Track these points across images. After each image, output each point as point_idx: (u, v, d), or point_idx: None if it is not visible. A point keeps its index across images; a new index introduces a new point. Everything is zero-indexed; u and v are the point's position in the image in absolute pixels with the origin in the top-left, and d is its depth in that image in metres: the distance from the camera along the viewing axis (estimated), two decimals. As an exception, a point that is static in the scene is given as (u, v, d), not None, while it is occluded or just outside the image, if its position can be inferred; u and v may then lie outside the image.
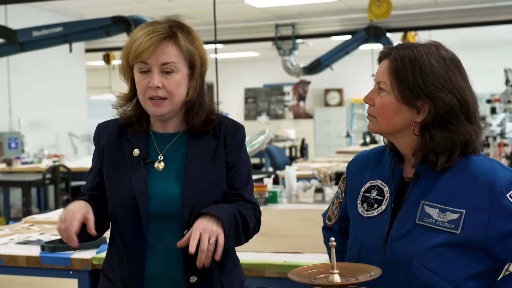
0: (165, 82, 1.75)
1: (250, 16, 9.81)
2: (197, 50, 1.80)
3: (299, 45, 10.51)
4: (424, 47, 1.58)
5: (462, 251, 1.51)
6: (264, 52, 13.40)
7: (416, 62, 1.55)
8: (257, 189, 3.76)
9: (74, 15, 9.15)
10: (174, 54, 1.75)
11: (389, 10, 8.24)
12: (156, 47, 1.73)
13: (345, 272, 1.32)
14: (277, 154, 8.08)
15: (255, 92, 15.41)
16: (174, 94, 1.76)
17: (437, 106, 1.53)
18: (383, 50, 1.63)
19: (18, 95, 8.29)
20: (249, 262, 2.39)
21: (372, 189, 1.67)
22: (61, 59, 8.30)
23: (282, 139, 11.96)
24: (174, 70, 1.75)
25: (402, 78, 1.55)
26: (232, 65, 15.64)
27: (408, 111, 1.57)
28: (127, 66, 1.80)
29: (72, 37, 6.49)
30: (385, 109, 1.59)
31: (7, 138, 8.04)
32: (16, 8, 8.02)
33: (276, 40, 9.90)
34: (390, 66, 1.58)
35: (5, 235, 3.00)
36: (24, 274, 2.67)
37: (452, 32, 11.41)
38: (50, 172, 6.90)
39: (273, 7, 9.19)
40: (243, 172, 1.86)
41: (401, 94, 1.56)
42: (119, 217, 1.80)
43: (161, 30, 1.75)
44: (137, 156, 1.81)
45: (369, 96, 1.63)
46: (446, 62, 1.56)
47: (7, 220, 7.08)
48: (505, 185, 1.50)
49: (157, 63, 1.74)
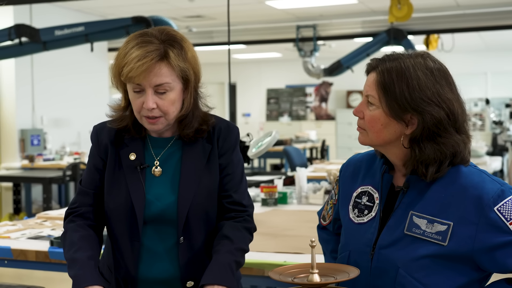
0: (159, 102, 1.75)
1: (271, 17, 9.84)
2: (190, 65, 1.78)
3: (321, 46, 10.52)
4: (411, 58, 1.58)
5: (449, 263, 1.52)
6: (286, 53, 13.42)
7: (403, 76, 1.54)
8: (267, 190, 3.80)
9: (98, 15, 9.27)
10: (167, 74, 1.74)
11: (410, 12, 8.21)
12: (149, 71, 1.72)
13: (325, 272, 1.36)
14: (295, 155, 8.11)
15: (278, 93, 15.43)
16: (169, 112, 1.77)
17: (425, 119, 1.53)
18: (370, 62, 1.63)
19: (41, 93, 8.43)
20: (249, 261, 2.42)
21: (363, 195, 1.68)
22: (84, 57, 8.42)
23: (302, 140, 11.96)
24: (168, 89, 1.75)
25: (390, 92, 1.55)
26: (254, 65, 15.68)
27: (397, 125, 1.57)
28: (119, 80, 1.79)
29: (93, 36, 6.58)
30: (374, 122, 1.59)
31: (30, 135, 8.18)
32: (40, 8, 8.16)
33: (297, 42, 9.92)
34: (377, 79, 1.58)
35: (17, 230, 3.08)
36: (33, 268, 2.75)
37: (476, 35, 11.32)
38: (70, 169, 7.00)
39: (294, 9, 9.22)
40: (235, 174, 1.88)
41: (389, 108, 1.56)
42: (116, 221, 1.83)
43: (153, 53, 1.72)
44: (134, 160, 1.83)
45: (358, 109, 1.63)
46: (433, 74, 1.56)
47: (28, 216, 7.20)
48: (493, 198, 1.50)
49: (151, 85, 1.74)
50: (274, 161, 12.87)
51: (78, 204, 1.88)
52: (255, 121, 15.67)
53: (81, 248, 1.78)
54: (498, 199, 1.50)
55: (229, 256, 1.77)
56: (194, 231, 1.81)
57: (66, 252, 1.81)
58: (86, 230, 1.84)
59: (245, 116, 16.04)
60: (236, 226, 1.84)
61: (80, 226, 1.84)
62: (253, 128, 14.78)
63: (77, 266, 1.74)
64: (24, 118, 8.26)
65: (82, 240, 1.80)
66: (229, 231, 1.82)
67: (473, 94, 13.54)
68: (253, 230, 1.91)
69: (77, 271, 1.73)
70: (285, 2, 8.77)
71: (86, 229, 1.84)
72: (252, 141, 3.24)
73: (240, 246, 1.81)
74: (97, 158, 1.89)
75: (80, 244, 1.79)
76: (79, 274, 1.72)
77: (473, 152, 7.47)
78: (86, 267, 1.74)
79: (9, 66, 8.07)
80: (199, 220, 1.82)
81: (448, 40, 10.07)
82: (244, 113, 16.09)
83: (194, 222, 1.81)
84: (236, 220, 1.86)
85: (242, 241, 1.83)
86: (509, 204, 1.50)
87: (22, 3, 6.76)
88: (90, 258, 1.77)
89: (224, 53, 11.60)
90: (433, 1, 8.78)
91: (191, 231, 1.81)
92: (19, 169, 7.91)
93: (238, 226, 1.84)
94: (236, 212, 1.87)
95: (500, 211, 1.49)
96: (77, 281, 1.71)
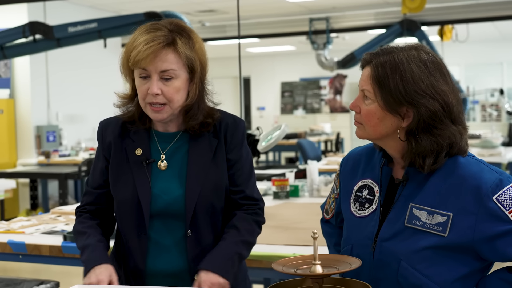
0: (164, 89, 1.77)
1: (284, 10, 9.84)
2: (196, 55, 1.81)
3: (335, 39, 10.48)
4: (405, 51, 1.58)
5: (450, 253, 1.53)
6: (300, 46, 13.41)
7: (397, 69, 1.55)
8: (279, 183, 3.81)
9: (111, 11, 9.33)
10: (173, 61, 1.76)
11: (423, 3, 8.17)
12: (155, 55, 1.74)
13: (327, 263, 1.38)
14: (309, 148, 8.11)
15: (292, 86, 15.42)
16: (173, 100, 1.78)
17: (420, 112, 1.53)
18: (364, 57, 1.63)
19: (56, 90, 8.51)
20: (259, 254, 2.45)
21: (363, 188, 1.70)
22: (98, 53, 8.47)
23: (317, 133, 11.95)
24: (173, 77, 1.77)
25: (384, 86, 1.56)
26: (268, 59, 15.68)
27: (393, 118, 1.58)
28: (127, 68, 1.82)
29: (107, 32, 6.61)
30: (370, 117, 1.60)
31: (46, 131, 8.27)
32: (54, 5, 8.22)
33: (310, 34, 9.90)
34: (372, 73, 1.59)
35: (32, 225, 3.13)
36: (47, 263, 2.79)
37: (491, 25, 11.23)
38: (85, 164, 7.07)
39: (306, 1, 9.20)
40: (244, 168, 1.90)
41: (384, 102, 1.57)
42: (123, 216, 1.86)
43: (161, 37, 1.75)
44: (140, 155, 1.85)
45: (354, 103, 1.64)
46: (427, 66, 1.56)
47: (45, 211, 7.28)
48: (491, 188, 1.51)
49: (156, 70, 1.76)
50: (288, 154, 12.88)
51: (85, 203, 1.94)
52: (270, 114, 15.69)
53: (91, 234, 1.85)
54: (497, 189, 1.51)
55: (233, 247, 1.80)
56: (201, 224, 1.84)
57: (77, 242, 1.87)
58: (92, 221, 1.91)
59: (260, 110, 16.06)
60: (246, 217, 1.87)
61: (86, 218, 1.91)
62: (268, 122, 14.79)
63: (89, 250, 1.80)
64: (39, 114, 8.34)
65: (90, 228, 1.87)
66: (238, 222, 1.85)
67: (489, 85, 13.44)
68: (262, 223, 1.93)
69: (89, 254, 1.79)
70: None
71: (91, 220, 1.91)
72: (262, 135, 3.25)
73: (246, 238, 1.84)
74: (102, 158, 1.92)
75: (89, 231, 1.86)
76: (90, 256, 1.78)
77: (487, 143, 7.43)
78: (96, 249, 1.80)
79: (24, 63, 8.16)
80: (206, 213, 1.84)
81: (462, 30, 10.01)
82: (258, 107, 16.11)
83: (201, 215, 1.83)
84: (247, 212, 1.88)
85: (250, 233, 1.85)
86: (508, 193, 1.50)
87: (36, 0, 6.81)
88: (100, 241, 1.84)
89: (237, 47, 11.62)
90: (446, -9, 8.74)
91: (199, 224, 1.83)
92: (36, 165, 8.00)
93: (248, 218, 1.87)
94: (248, 206, 1.89)
95: (499, 200, 1.50)
96: (87, 263, 1.76)
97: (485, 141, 7.58)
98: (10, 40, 6.75)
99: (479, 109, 13.79)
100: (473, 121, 13.72)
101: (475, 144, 7.52)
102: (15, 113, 8.25)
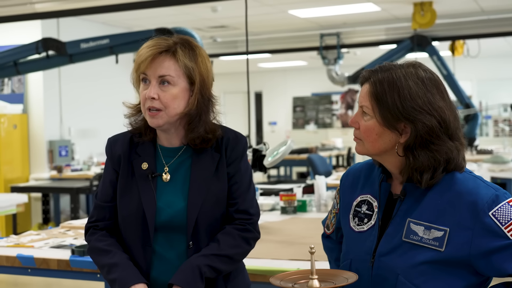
0: (161, 94, 1.82)
1: (295, 26, 9.89)
2: (197, 67, 1.85)
3: (346, 54, 10.51)
4: (403, 68, 1.61)
5: (447, 268, 1.54)
6: (312, 61, 13.46)
7: (394, 85, 1.58)
8: (286, 198, 3.83)
9: (124, 27, 9.42)
10: (172, 68, 1.83)
11: (433, 19, 8.20)
12: (153, 59, 1.82)
13: (324, 277, 1.40)
14: (319, 163, 8.12)
15: (303, 101, 15.46)
16: (169, 107, 1.83)
17: (418, 128, 1.56)
18: (363, 74, 1.66)
19: (68, 105, 8.59)
20: (263, 268, 2.47)
21: (362, 203, 1.72)
22: (110, 69, 8.55)
23: (328, 148, 11.96)
24: (171, 83, 1.83)
25: (383, 102, 1.59)
26: (280, 74, 15.75)
27: (391, 134, 1.60)
28: (136, 77, 1.89)
29: (118, 48, 6.68)
30: (369, 132, 1.63)
31: (58, 146, 8.34)
32: (67, 21, 8.32)
33: (321, 50, 9.94)
34: (370, 90, 1.62)
35: (41, 239, 3.16)
36: (55, 277, 2.81)
37: (503, 40, 11.23)
38: (97, 179, 7.11)
39: (317, 17, 9.25)
40: (242, 182, 1.93)
41: (382, 118, 1.59)
42: (128, 228, 1.90)
43: (163, 44, 1.83)
44: (146, 169, 1.90)
45: (354, 119, 1.67)
46: (424, 83, 1.59)
47: (56, 225, 7.33)
48: (487, 203, 1.53)
49: (155, 75, 1.82)
50: (300, 169, 12.89)
51: (96, 218, 1.96)
52: (281, 129, 15.72)
53: (116, 253, 1.87)
54: (493, 204, 1.52)
55: (203, 260, 1.81)
56: (203, 237, 1.87)
57: (100, 260, 1.89)
58: (111, 238, 1.93)
59: (272, 125, 16.10)
60: (232, 232, 1.88)
61: (103, 235, 1.93)
62: (280, 137, 14.81)
63: (120, 269, 1.82)
64: (52, 129, 8.42)
65: (113, 246, 1.89)
66: (221, 236, 1.87)
67: (501, 100, 13.40)
68: (253, 240, 1.93)
69: (121, 272, 1.81)
70: (308, 11, 8.81)
71: (110, 238, 1.93)
72: (268, 150, 3.28)
73: (224, 252, 1.85)
74: (111, 171, 1.96)
75: (113, 249, 1.88)
76: (123, 275, 1.81)
77: (498, 158, 7.40)
78: (128, 268, 1.83)
79: (38, 78, 8.25)
80: (208, 226, 1.87)
81: (474, 45, 10.01)
82: (270, 122, 16.15)
83: (203, 228, 1.86)
84: (236, 228, 1.90)
85: (231, 248, 1.86)
86: (504, 208, 1.52)
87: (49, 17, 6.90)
88: (128, 259, 1.86)
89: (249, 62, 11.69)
90: (457, 7, 8.75)
91: (200, 237, 1.86)
92: (48, 179, 8.07)
93: (235, 233, 1.88)
94: (240, 220, 1.91)
95: (495, 216, 1.51)
96: (123, 281, 1.79)
97: (496, 156, 7.55)
98: (24, 56, 6.84)
99: (491, 124, 13.75)
100: (486, 136, 13.68)
101: (486, 160, 7.49)
102: (28, 128, 8.33)
